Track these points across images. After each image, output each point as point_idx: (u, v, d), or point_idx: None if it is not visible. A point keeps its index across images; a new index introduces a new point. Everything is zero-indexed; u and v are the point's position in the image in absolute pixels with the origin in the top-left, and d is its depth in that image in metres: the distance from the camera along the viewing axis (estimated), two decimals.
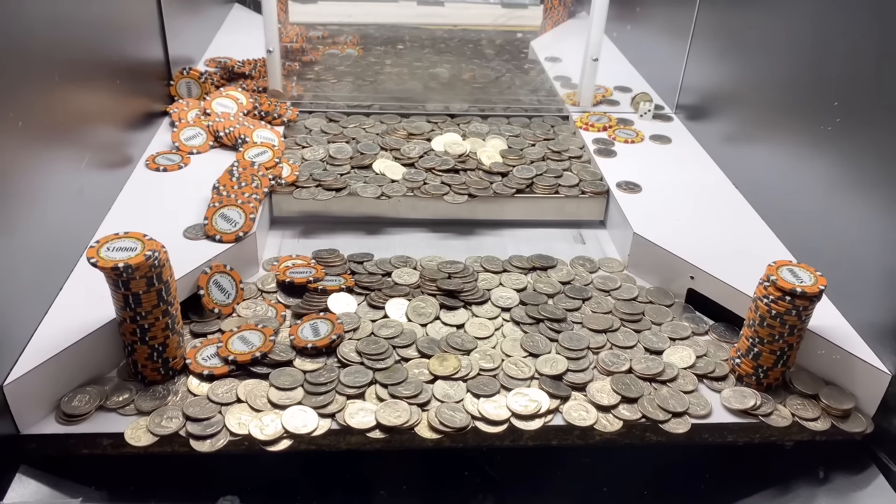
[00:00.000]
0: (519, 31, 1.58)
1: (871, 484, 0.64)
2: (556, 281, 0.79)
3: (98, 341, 0.62)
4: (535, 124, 1.08)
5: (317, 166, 0.92)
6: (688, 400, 0.64)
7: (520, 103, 1.17)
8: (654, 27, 1.28)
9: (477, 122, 1.07)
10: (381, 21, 1.58)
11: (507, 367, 0.66)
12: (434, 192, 0.88)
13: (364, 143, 0.98)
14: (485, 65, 1.34)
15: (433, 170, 0.93)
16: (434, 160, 0.94)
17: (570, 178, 0.93)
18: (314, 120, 1.06)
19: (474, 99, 1.16)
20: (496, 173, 0.93)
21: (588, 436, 0.63)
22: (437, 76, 1.27)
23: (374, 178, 0.90)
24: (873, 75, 0.67)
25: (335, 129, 1.03)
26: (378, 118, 1.07)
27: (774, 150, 0.84)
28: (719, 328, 0.73)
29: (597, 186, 0.91)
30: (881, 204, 0.65)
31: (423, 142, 0.99)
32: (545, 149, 1.00)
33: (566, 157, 0.98)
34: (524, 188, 0.90)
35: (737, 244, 0.79)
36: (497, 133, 1.04)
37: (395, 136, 1.01)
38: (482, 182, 0.91)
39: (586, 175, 0.93)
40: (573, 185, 0.92)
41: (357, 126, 1.04)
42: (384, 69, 1.29)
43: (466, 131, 1.04)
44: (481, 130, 1.04)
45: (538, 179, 0.92)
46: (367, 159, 0.94)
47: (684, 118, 1.11)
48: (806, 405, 0.65)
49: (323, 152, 0.95)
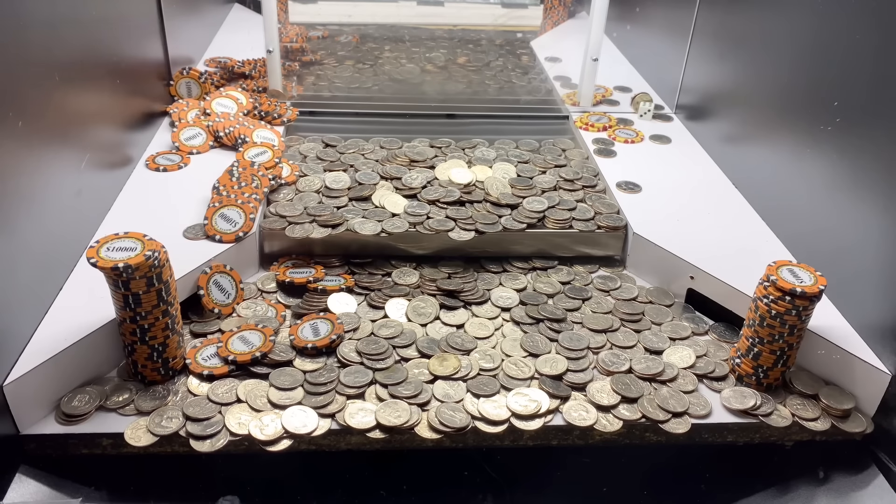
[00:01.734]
0: (519, 31, 1.58)
1: (870, 484, 0.64)
2: (556, 281, 0.79)
3: (98, 341, 0.62)
4: (544, 148, 1.00)
5: (312, 198, 0.84)
6: (688, 400, 0.64)
7: (519, 103, 1.17)
8: (654, 27, 1.28)
9: (483, 148, 0.99)
10: (381, 21, 1.58)
11: (507, 367, 0.66)
12: (438, 227, 0.81)
13: (363, 172, 0.90)
14: (484, 63, 1.35)
15: (437, 202, 0.85)
16: (438, 191, 0.86)
17: (585, 210, 0.85)
18: (309, 145, 0.98)
19: (473, 96, 1.17)
20: (504, 205, 0.85)
21: (588, 436, 0.63)
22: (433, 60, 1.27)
23: (373, 212, 0.83)
24: (873, 75, 0.67)
25: (332, 154, 0.95)
26: (378, 143, 0.99)
27: (774, 149, 0.84)
28: (719, 328, 0.73)
29: (613, 220, 0.83)
30: (881, 204, 0.65)
31: (426, 170, 0.92)
32: (557, 177, 0.92)
33: (579, 185, 0.91)
34: (535, 222, 0.83)
35: (737, 244, 0.79)
36: (505, 159, 0.96)
37: (396, 164, 0.93)
38: (490, 216, 0.83)
39: (602, 207, 0.86)
40: (588, 218, 0.84)
41: (355, 152, 0.96)
42: (384, 66, 1.31)
43: (472, 157, 0.96)
44: (488, 156, 0.96)
45: (550, 212, 0.84)
46: (366, 190, 0.86)
47: (684, 118, 1.11)
48: (806, 405, 0.65)
49: (319, 182, 0.87)
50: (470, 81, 1.16)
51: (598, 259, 0.84)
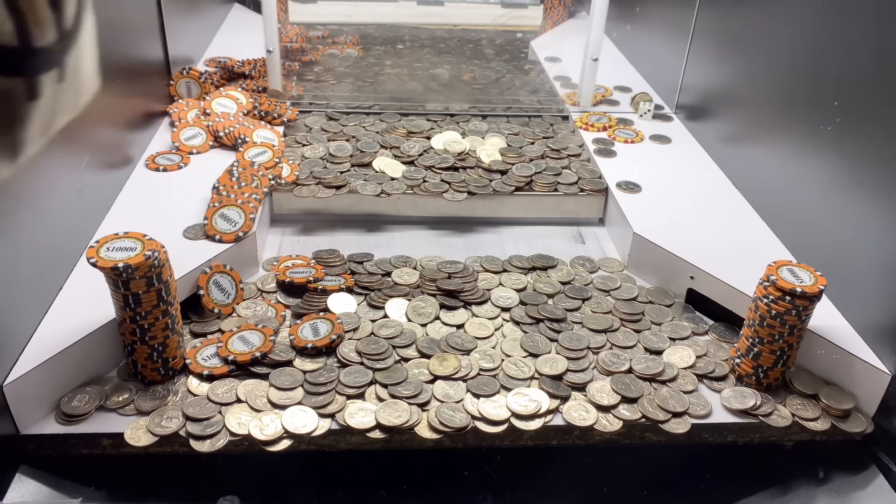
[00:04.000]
0: (519, 31, 1.58)
1: (871, 484, 0.64)
2: (556, 281, 0.79)
3: (98, 341, 0.62)
4: (534, 123, 1.08)
5: (317, 164, 0.93)
6: (688, 400, 0.64)
7: (520, 103, 1.17)
8: (653, 27, 1.28)
9: (476, 121, 1.08)
10: (381, 21, 1.58)
11: (506, 367, 0.66)
12: (433, 189, 0.89)
13: (364, 142, 0.98)
14: (485, 65, 1.34)
15: (433, 168, 0.93)
16: (433, 158, 0.95)
17: (569, 175, 0.93)
18: (314, 118, 1.06)
19: (474, 100, 1.17)
20: (495, 171, 0.93)
21: (588, 436, 0.63)
22: (437, 77, 1.27)
23: (373, 176, 0.91)
24: (873, 75, 0.67)
25: (335, 127, 1.04)
26: (378, 117, 1.07)
27: (774, 149, 0.84)
28: (719, 328, 0.73)
29: (595, 184, 0.91)
30: (881, 203, 0.65)
31: (423, 140, 1.00)
32: (544, 147, 1.00)
33: (565, 155, 0.99)
34: (523, 186, 0.91)
35: (737, 244, 0.79)
36: (496, 131, 1.04)
37: (395, 135, 1.01)
38: (481, 180, 0.91)
39: (585, 173, 0.94)
40: (572, 182, 0.92)
41: (357, 125, 1.04)
42: (384, 70, 1.29)
43: (466, 130, 1.04)
44: (480, 129, 1.05)
45: (537, 177, 0.92)
46: (366, 157, 0.94)
47: (684, 118, 1.11)
48: (806, 405, 0.65)
49: (323, 150, 0.96)
50: (476, 100, 1.15)
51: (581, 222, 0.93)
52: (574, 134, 1.05)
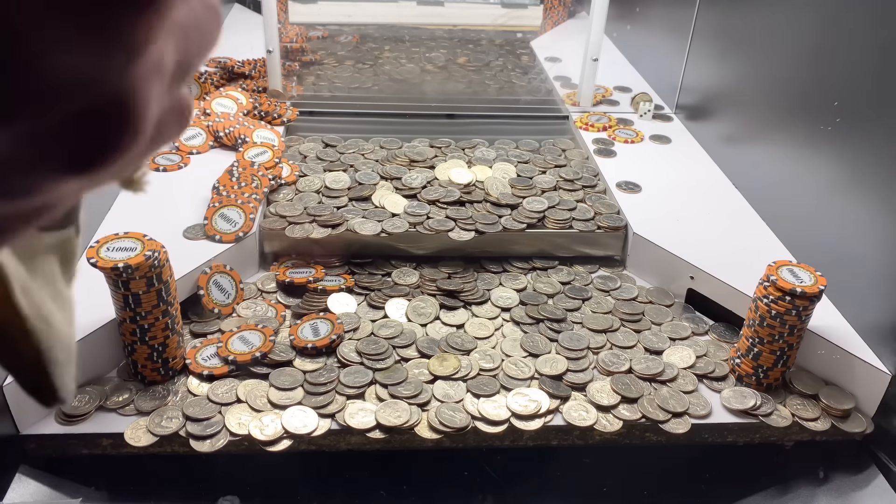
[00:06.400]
0: (519, 32, 1.58)
1: (870, 484, 0.64)
2: (556, 281, 0.79)
3: (98, 341, 0.62)
4: (544, 148, 1.00)
5: (312, 199, 0.84)
6: (688, 400, 0.64)
7: (519, 103, 1.17)
8: (653, 27, 1.28)
9: (483, 148, 0.98)
10: (381, 21, 1.58)
11: (506, 367, 0.66)
12: (438, 227, 0.80)
13: (363, 172, 0.89)
14: (484, 63, 1.35)
15: (437, 202, 0.84)
16: (438, 191, 0.86)
17: (585, 210, 0.85)
18: (309, 145, 0.97)
19: (473, 96, 1.17)
20: (504, 205, 0.85)
21: (588, 436, 0.63)
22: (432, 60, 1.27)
23: (373, 212, 0.82)
24: (873, 75, 0.67)
25: (332, 154, 0.95)
26: (378, 143, 0.98)
27: (774, 149, 0.84)
28: (719, 328, 0.73)
29: (614, 221, 0.83)
30: (881, 204, 0.65)
31: (426, 170, 0.91)
32: (557, 177, 0.91)
33: (579, 186, 0.90)
34: (535, 222, 0.83)
35: (737, 244, 0.79)
36: (504, 159, 0.95)
37: (396, 164, 0.92)
38: (490, 216, 0.82)
39: (602, 207, 0.85)
40: (588, 218, 0.83)
41: (355, 152, 0.96)
42: (384, 66, 1.31)
43: (472, 157, 0.95)
44: (488, 157, 0.95)
45: (550, 212, 0.84)
46: (366, 190, 0.86)
47: (684, 118, 1.11)
48: (806, 405, 0.65)
49: (319, 182, 0.87)
50: (470, 81, 1.16)
51: (598, 259, 0.84)
52: (587, 161, 0.97)
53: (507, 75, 1.31)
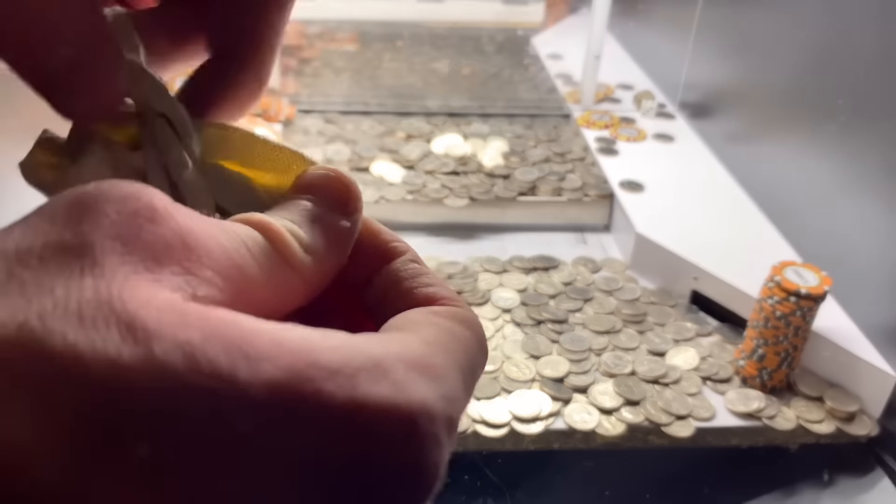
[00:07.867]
0: (520, 29, 1.57)
1: (876, 487, 0.63)
2: (558, 281, 0.78)
3: None
4: (537, 125, 1.06)
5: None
6: (691, 403, 0.63)
7: (520, 101, 1.16)
8: (656, 23, 1.27)
9: (478, 123, 1.05)
10: (380, 18, 1.57)
11: (507, 369, 0.66)
12: (434, 195, 0.87)
13: (362, 146, 0.96)
14: (485, 61, 1.33)
15: (433, 172, 0.92)
16: (434, 162, 0.93)
17: (574, 180, 0.92)
18: (311, 121, 1.04)
19: (474, 95, 1.16)
20: (497, 175, 0.91)
21: (590, 439, 0.62)
22: (436, 72, 1.26)
23: (372, 182, 0.89)
24: (879, 72, 0.66)
25: (332, 130, 1.02)
26: (377, 119, 1.05)
27: (779, 148, 0.83)
28: (723, 329, 0.73)
29: (601, 189, 0.90)
30: (888, 203, 0.64)
31: (423, 143, 0.98)
32: (548, 150, 0.98)
33: (569, 158, 0.97)
34: (526, 191, 0.89)
35: (741, 244, 0.78)
36: (498, 134, 1.02)
37: (394, 138, 0.99)
38: (483, 185, 0.89)
39: (590, 178, 0.92)
40: (577, 188, 0.90)
41: (355, 127, 1.03)
42: (382, 64, 1.29)
43: (467, 132, 1.02)
44: (482, 131, 1.02)
45: (540, 182, 0.90)
46: (364, 162, 0.93)
47: (688, 116, 1.10)
48: (810, 407, 0.64)
49: (320, 155, 0.94)
50: (474, 95, 1.15)
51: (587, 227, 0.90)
52: (577, 136, 1.03)
53: (509, 73, 1.30)
